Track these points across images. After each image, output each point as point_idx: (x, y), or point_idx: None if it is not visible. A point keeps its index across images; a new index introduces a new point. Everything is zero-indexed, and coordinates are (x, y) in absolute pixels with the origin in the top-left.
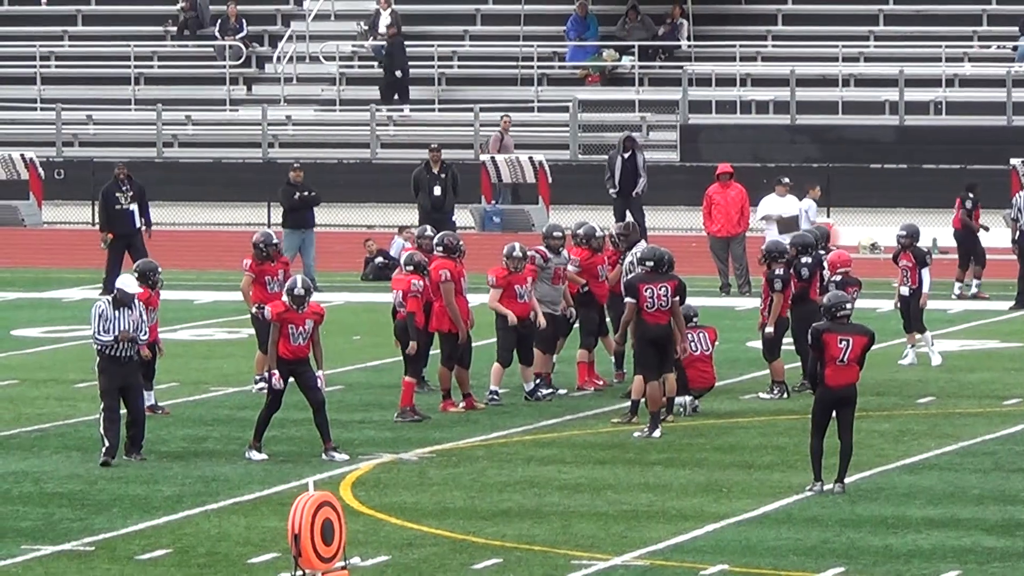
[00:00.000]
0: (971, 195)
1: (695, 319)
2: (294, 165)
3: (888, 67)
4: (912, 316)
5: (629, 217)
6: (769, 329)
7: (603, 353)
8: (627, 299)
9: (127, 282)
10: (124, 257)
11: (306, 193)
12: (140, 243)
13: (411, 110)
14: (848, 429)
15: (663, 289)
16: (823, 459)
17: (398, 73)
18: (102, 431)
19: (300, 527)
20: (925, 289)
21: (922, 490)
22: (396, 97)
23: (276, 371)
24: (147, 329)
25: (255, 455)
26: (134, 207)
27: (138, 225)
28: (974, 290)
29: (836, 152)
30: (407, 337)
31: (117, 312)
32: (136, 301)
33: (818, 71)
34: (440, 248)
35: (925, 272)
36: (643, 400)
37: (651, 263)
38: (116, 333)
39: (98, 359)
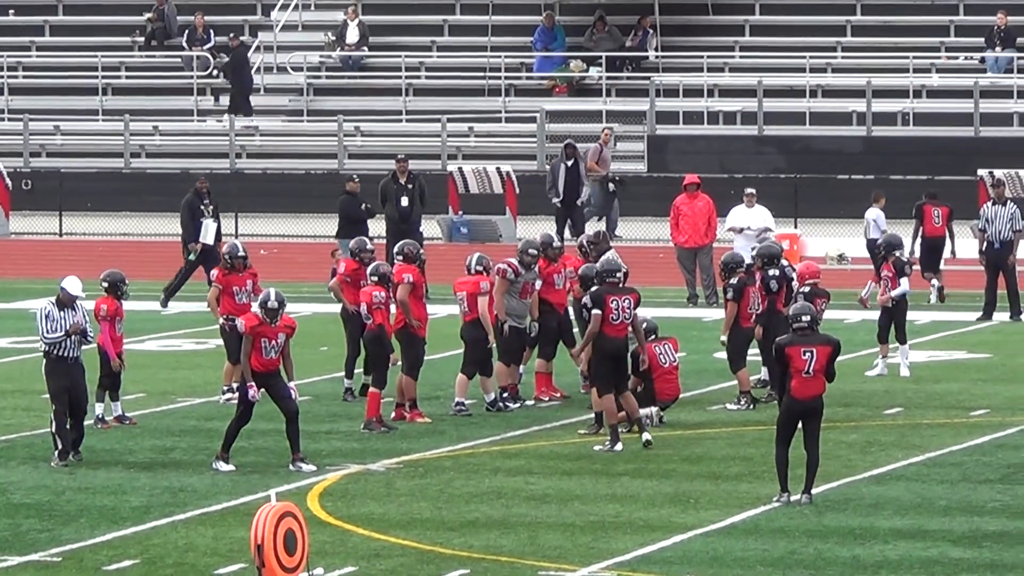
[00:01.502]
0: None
1: (655, 333)
2: (353, 177)
3: (855, 78)
4: (897, 326)
5: (598, 226)
6: (723, 338)
7: (566, 364)
8: (594, 311)
9: (71, 284)
10: (196, 271)
11: (366, 205)
12: (216, 256)
13: (378, 120)
14: (815, 440)
15: (627, 302)
16: (789, 470)
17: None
18: (55, 432)
19: (263, 538)
20: (894, 294)
21: (889, 501)
22: (236, 110)
23: (252, 383)
24: (95, 329)
25: (222, 466)
26: (211, 221)
27: (214, 240)
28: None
29: (803, 163)
30: (377, 348)
31: (62, 313)
32: (78, 304)
33: (785, 82)
34: (400, 257)
35: (904, 281)
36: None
37: (616, 276)
38: (67, 327)
39: (45, 362)
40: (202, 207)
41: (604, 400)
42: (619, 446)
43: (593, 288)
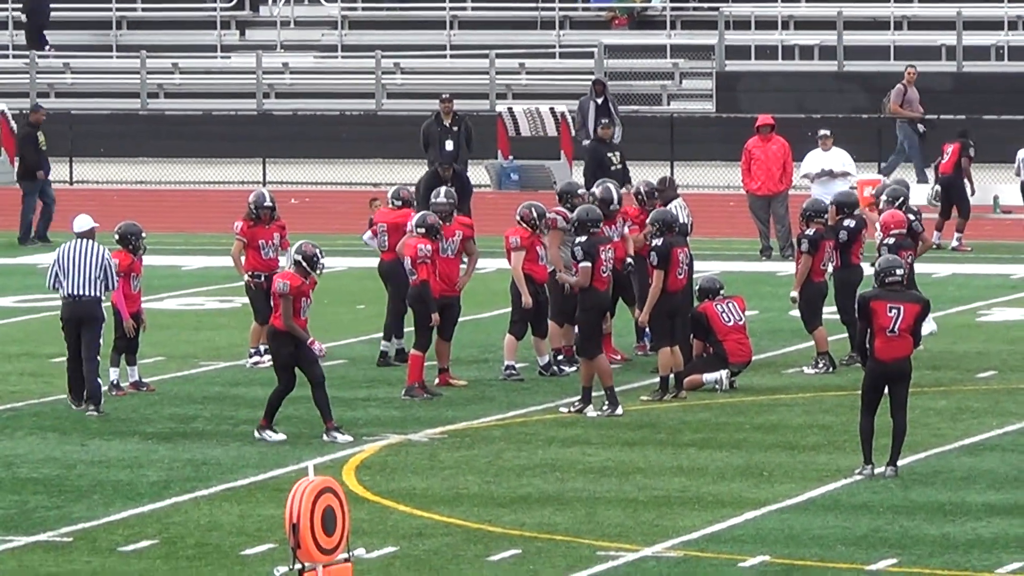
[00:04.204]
0: (971, 143)
1: (721, 291)
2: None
3: (944, 8)
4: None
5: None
6: (793, 293)
7: (626, 323)
8: (657, 272)
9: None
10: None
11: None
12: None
13: (420, 55)
14: (901, 407)
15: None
16: (874, 440)
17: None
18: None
19: (299, 516)
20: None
21: (982, 473)
22: (35, 42)
23: (313, 339)
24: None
25: (271, 435)
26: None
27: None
28: (954, 244)
29: None
30: (421, 307)
31: None
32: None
33: (868, 12)
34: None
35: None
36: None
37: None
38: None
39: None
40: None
41: (660, 354)
42: (620, 410)
43: (657, 241)
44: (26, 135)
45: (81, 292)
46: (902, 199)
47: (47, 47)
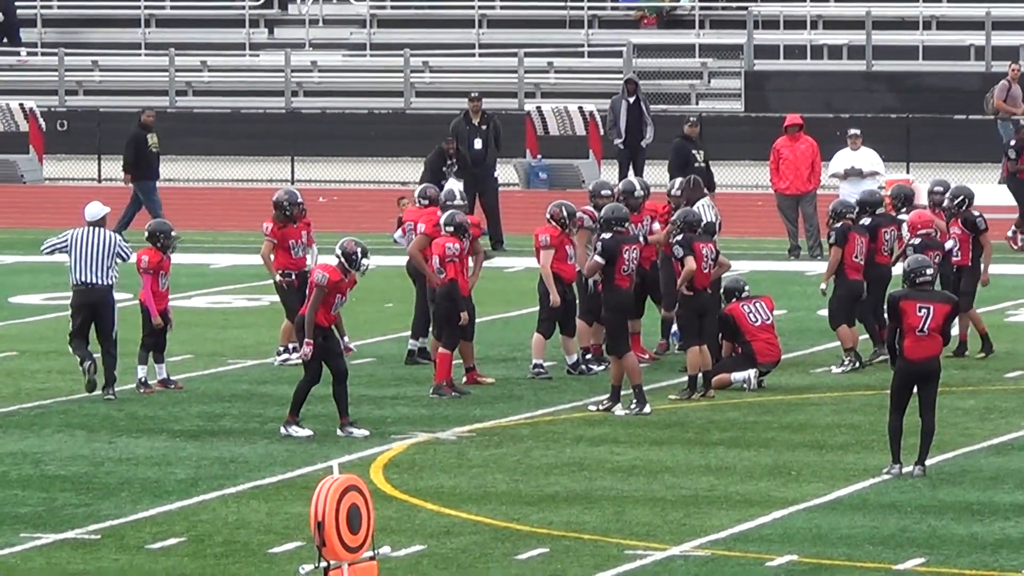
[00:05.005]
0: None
1: (746, 289)
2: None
3: (973, 8)
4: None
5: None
6: (822, 286)
7: (654, 322)
8: (687, 257)
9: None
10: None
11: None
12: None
13: (446, 54)
14: (930, 406)
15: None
16: (902, 439)
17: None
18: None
19: (324, 514)
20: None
21: (1011, 473)
22: (4, 40)
23: (311, 341)
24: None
25: (297, 431)
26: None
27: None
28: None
29: (916, 102)
30: (449, 305)
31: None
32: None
33: (896, 12)
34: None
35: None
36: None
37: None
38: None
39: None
40: (445, 169)
41: (689, 353)
42: (647, 408)
43: (679, 235)
44: (135, 135)
45: (94, 280)
46: (963, 198)
47: (21, 50)
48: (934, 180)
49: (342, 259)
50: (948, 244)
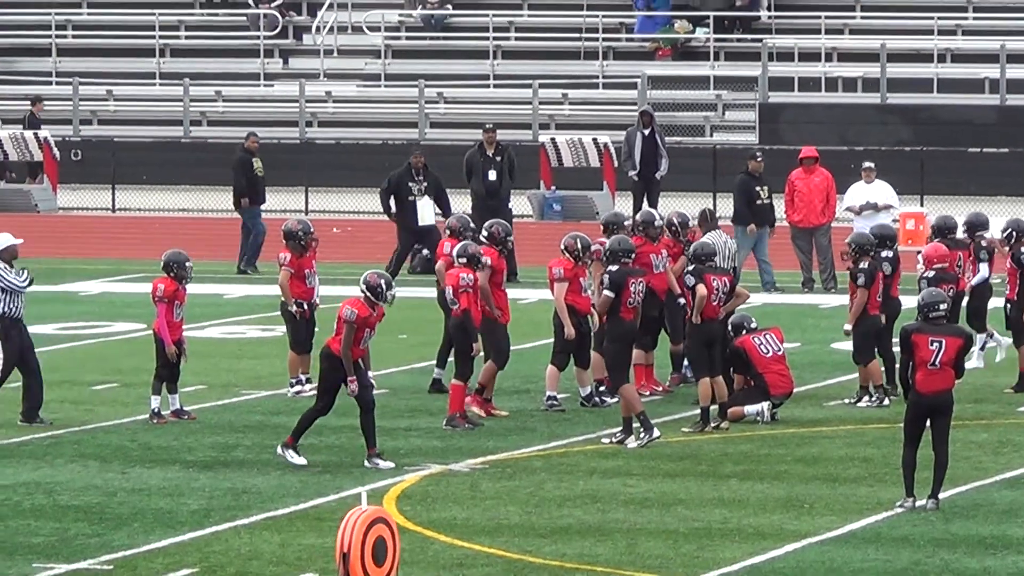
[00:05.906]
0: None
1: (754, 323)
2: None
3: (988, 41)
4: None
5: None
6: (847, 327)
7: (668, 355)
8: (698, 285)
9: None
10: (411, 253)
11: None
12: (436, 238)
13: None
14: (943, 440)
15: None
16: (916, 472)
17: None
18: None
19: (350, 545)
20: (974, 281)
21: None
22: None
23: (355, 377)
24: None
25: (293, 457)
26: (426, 201)
27: (430, 221)
28: None
29: (930, 134)
30: (462, 336)
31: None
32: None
33: (911, 45)
34: (486, 237)
35: (983, 267)
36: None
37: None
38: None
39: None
40: (411, 184)
41: (700, 384)
42: (657, 432)
43: (692, 267)
44: (241, 161)
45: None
46: (1011, 231)
47: None
48: (971, 213)
49: (367, 293)
50: (979, 275)
